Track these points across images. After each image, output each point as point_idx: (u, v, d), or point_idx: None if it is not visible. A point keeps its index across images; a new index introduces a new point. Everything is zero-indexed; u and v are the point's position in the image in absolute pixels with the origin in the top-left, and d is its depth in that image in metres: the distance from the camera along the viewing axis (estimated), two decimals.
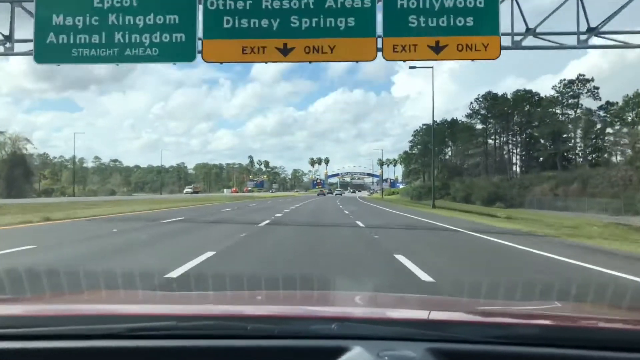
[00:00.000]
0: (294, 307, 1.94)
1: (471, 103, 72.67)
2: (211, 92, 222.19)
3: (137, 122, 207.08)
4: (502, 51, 13.00)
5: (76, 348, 1.27)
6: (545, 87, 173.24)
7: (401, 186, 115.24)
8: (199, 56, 13.60)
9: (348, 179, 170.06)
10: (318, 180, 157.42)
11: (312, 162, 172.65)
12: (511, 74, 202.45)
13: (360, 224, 16.30)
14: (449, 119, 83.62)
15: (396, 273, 6.73)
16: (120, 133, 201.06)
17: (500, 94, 71.00)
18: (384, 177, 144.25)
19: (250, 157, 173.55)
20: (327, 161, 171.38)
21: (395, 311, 1.89)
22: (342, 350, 1.23)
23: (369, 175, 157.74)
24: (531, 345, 1.29)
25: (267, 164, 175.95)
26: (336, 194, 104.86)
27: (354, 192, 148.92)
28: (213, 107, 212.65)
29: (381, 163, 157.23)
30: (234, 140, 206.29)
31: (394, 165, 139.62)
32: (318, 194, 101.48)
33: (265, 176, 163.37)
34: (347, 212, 25.61)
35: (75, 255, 7.99)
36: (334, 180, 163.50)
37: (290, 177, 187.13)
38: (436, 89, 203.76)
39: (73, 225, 14.54)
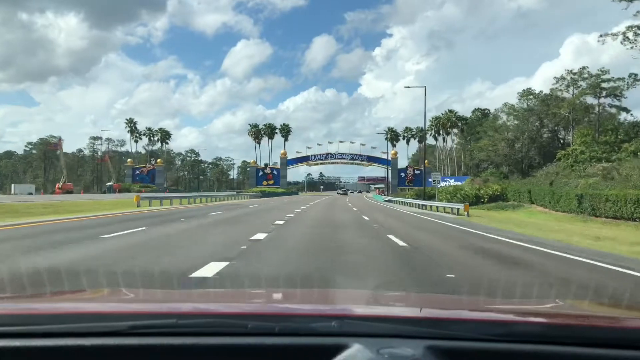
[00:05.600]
0: (294, 305, 1.97)
1: None
2: (178, 87, 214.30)
3: (99, 118, 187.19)
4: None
5: (79, 346, 1.27)
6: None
7: (444, 183, 54.82)
8: None
9: (317, 177, 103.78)
10: (267, 172, 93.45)
11: (255, 133, 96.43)
12: (478, 77, 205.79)
13: None
14: None
15: None
16: (80, 129, 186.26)
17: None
18: (400, 166, 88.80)
19: (130, 122, 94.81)
20: (285, 132, 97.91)
21: (394, 309, 1.91)
22: (342, 348, 1.24)
23: (369, 159, 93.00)
24: (531, 343, 1.30)
25: (164, 136, 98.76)
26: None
27: (361, 192, 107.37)
28: (180, 103, 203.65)
29: (392, 136, 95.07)
30: (199, 137, 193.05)
31: (420, 142, 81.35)
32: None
33: (159, 161, 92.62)
34: None
35: None
36: (298, 173, 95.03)
37: (238, 171, 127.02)
38: (400, 91, 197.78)
39: None
